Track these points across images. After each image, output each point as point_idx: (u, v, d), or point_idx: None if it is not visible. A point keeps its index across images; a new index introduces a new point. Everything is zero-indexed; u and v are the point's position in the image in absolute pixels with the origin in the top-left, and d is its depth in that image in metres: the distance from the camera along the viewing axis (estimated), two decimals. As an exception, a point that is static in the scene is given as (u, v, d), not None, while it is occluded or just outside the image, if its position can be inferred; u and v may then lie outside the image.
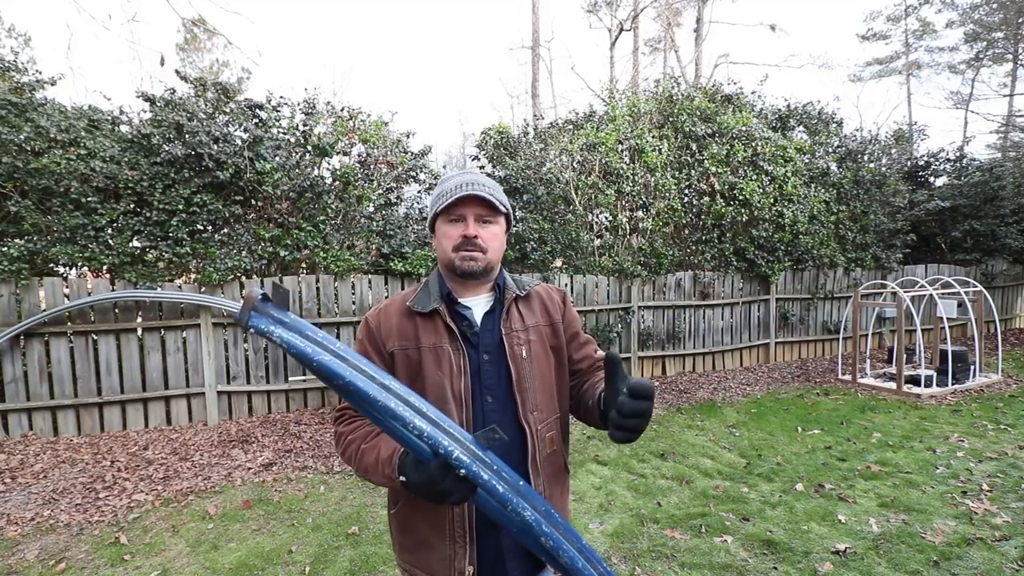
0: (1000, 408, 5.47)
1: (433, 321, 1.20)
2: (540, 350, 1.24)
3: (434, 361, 1.17)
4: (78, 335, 4.84)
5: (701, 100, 7.79)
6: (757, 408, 5.71)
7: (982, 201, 9.38)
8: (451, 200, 1.16)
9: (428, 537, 1.16)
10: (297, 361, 0.98)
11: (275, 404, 5.50)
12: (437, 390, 1.15)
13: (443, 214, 1.21)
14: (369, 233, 5.99)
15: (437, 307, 1.20)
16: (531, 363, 1.21)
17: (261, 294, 0.85)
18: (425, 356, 1.18)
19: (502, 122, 7.78)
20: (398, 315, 1.23)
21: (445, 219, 1.21)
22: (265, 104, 5.73)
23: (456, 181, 1.20)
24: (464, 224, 1.19)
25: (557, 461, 1.25)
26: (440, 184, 1.25)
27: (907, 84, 20.89)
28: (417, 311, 1.21)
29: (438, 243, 1.23)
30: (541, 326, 1.27)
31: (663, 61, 20.28)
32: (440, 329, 1.19)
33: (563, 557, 0.91)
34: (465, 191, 1.16)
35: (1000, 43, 17.81)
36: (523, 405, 1.19)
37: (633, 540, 3.07)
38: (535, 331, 1.25)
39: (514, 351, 1.20)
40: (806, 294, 8.21)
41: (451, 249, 1.19)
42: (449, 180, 1.22)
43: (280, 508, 3.53)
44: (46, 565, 2.90)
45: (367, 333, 1.24)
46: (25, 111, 4.76)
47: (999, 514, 3.25)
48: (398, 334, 1.20)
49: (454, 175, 1.23)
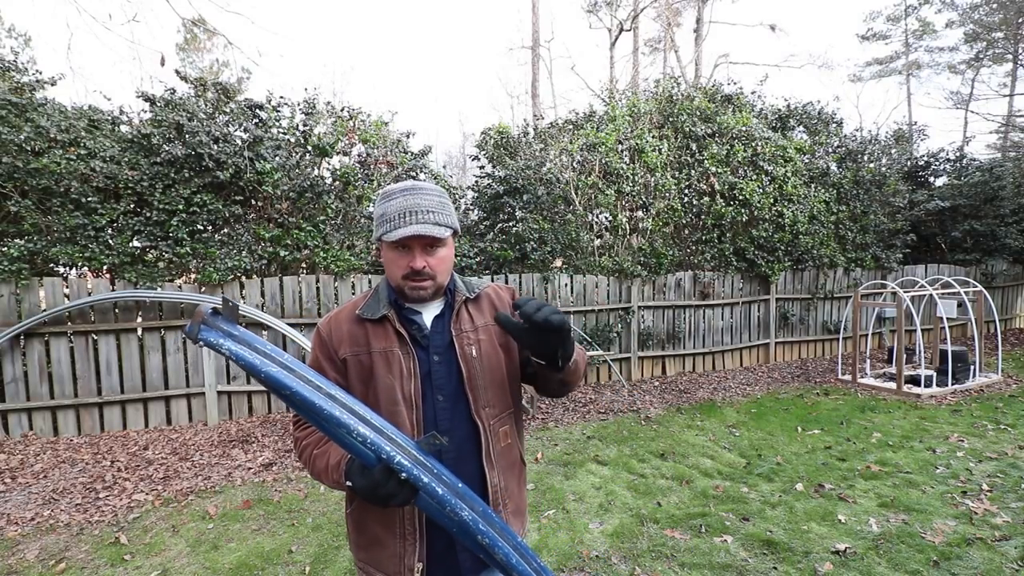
0: (1000, 408, 5.47)
1: (383, 327, 1.23)
2: (490, 349, 1.27)
3: (384, 365, 1.20)
4: (78, 335, 4.84)
5: (701, 100, 7.79)
6: (757, 408, 5.71)
7: (982, 201, 9.38)
8: (396, 236, 1.14)
9: (380, 535, 1.20)
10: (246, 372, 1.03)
11: (275, 404, 5.50)
12: (388, 392, 1.18)
13: (386, 242, 1.18)
14: (369, 233, 5.99)
15: (386, 313, 1.22)
16: (481, 361, 1.25)
17: (211, 308, 0.88)
18: (376, 360, 1.20)
19: (502, 122, 7.79)
20: (348, 322, 1.25)
21: (390, 247, 1.19)
22: (265, 104, 5.73)
23: (399, 205, 1.16)
24: (411, 255, 1.18)
25: (512, 454, 1.30)
26: (383, 202, 1.19)
27: (907, 84, 20.90)
28: (367, 318, 1.23)
29: (386, 267, 1.23)
30: (490, 325, 1.29)
31: (663, 61, 20.29)
32: (390, 334, 1.22)
33: (499, 554, 0.96)
34: (409, 227, 1.13)
35: (1000, 43, 17.81)
36: (475, 402, 1.22)
37: (633, 540, 3.07)
38: (484, 331, 1.28)
39: (464, 351, 1.23)
40: (806, 294, 8.21)
41: (400, 277, 1.20)
42: (392, 200, 1.17)
43: (280, 508, 3.53)
44: (46, 565, 2.90)
45: (319, 342, 1.25)
46: (25, 111, 4.76)
47: (999, 514, 3.25)
48: (349, 340, 1.22)
49: (396, 193, 1.18)
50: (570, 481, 3.89)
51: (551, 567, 2.82)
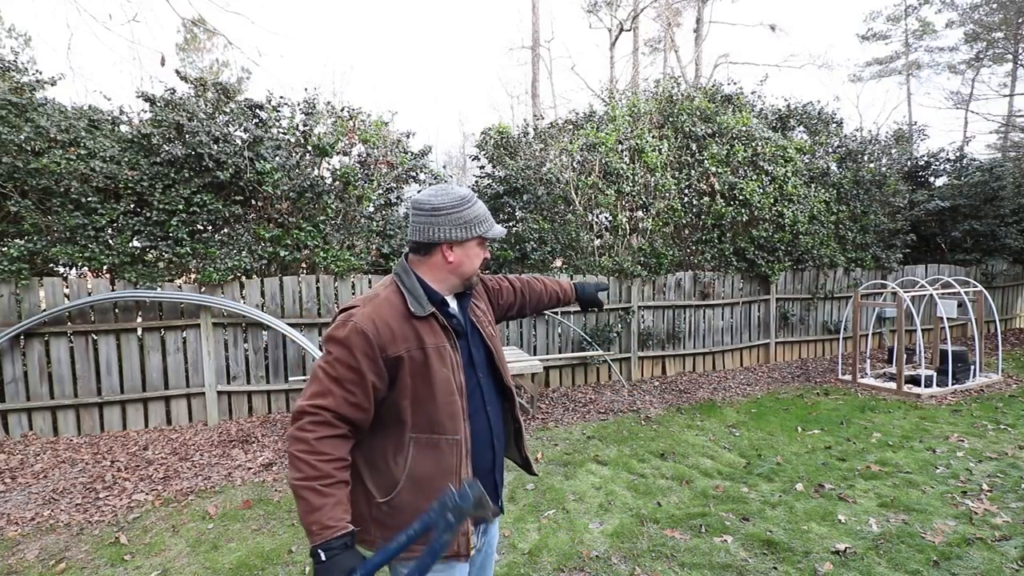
0: (1000, 408, 5.47)
1: (430, 323, 1.33)
2: (493, 329, 1.54)
3: (439, 359, 1.31)
4: (78, 335, 4.84)
5: (701, 100, 7.79)
6: (757, 408, 5.71)
7: (982, 201, 9.38)
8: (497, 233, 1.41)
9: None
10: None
11: (275, 404, 5.50)
12: (446, 384, 1.31)
13: (485, 238, 1.40)
14: (369, 233, 5.99)
15: (432, 311, 1.33)
16: (494, 339, 1.51)
17: None
18: (431, 355, 1.30)
19: (502, 122, 7.78)
20: (396, 320, 1.29)
21: (480, 242, 1.41)
22: (265, 104, 5.73)
23: (484, 208, 1.40)
24: (486, 251, 1.44)
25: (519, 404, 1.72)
26: (469, 206, 1.36)
27: (907, 84, 20.90)
28: (417, 315, 1.31)
29: (467, 259, 1.39)
30: (488, 310, 1.57)
31: (663, 61, 20.29)
32: (438, 330, 1.33)
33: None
34: (499, 227, 1.43)
35: (1000, 43, 17.80)
36: (504, 373, 1.49)
37: (633, 540, 3.07)
38: (489, 314, 1.56)
39: (486, 331, 1.48)
40: (806, 294, 8.21)
41: (478, 268, 1.43)
42: (477, 204, 1.38)
43: (280, 508, 3.53)
44: (46, 565, 2.90)
45: (363, 341, 1.23)
46: (25, 111, 4.75)
47: (999, 514, 3.26)
48: (402, 338, 1.28)
49: (473, 199, 1.39)
50: (570, 481, 3.89)
51: (551, 567, 2.82)
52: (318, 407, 1.21)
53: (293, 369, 5.48)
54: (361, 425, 1.27)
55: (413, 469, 1.28)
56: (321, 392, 1.22)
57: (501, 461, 1.49)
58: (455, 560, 1.30)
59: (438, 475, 1.28)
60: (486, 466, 1.42)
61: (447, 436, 1.29)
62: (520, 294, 1.76)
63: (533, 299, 1.80)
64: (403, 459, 1.28)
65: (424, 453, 1.28)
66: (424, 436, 1.29)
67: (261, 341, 5.41)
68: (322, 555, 1.11)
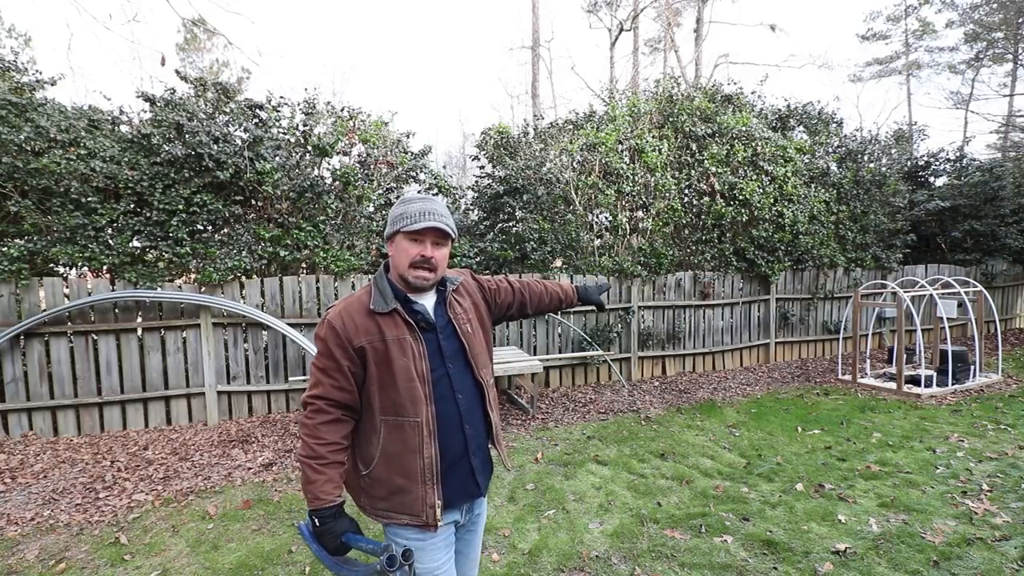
0: (1000, 408, 5.47)
1: (393, 318, 1.47)
2: (477, 326, 1.63)
3: (398, 349, 1.45)
4: (78, 335, 4.84)
5: (701, 100, 7.79)
6: (757, 408, 5.71)
7: (982, 201, 9.38)
8: (418, 227, 1.44)
9: (403, 485, 1.46)
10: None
11: (275, 404, 5.50)
12: (405, 371, 1.44)
13: (405, 233, 1.47)
14: (369, 233, 5.99)
15: (395, 307, 1.47)
16: (473, 336, 1.59)
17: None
18: (391, 346, 1.45)
19: (502, 122, 7.78)
20: (360, 315, 1.47)
21: (406, 237, 1.47)
22: (265, 104, 5.73)
23: (419, 207, 1.46)
24: (423, 246, 1.47)
25: (498, 402, 1.79)
26: (403, 204, 1.50)
27: (907, 84, 20.91)
28: (378, 311, 1.46)
29: (396, 255, 1.51)
30: (472, 308, 1.65)
31: (663, 61, 20.28)
32: (399, 324, 1.47)
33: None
34: (429, 221, 1.45)
35: (1000, 43, 17.81)
36: (477, 367, 1.57)
37: (633, 540, 3.07)
38: (471, 312, 1.63)
39: (462, 328, 1.56)
40: (806, 294, 8.21)
41: (407, 265, 1.47)
42: (412, 203, 1.48)
43: (280, 508, 3.53)
44: (46, 565, 2.90)
45: (332, 333, 1.45)
46: (25, 111, 4.75)
47: (999, 514, 3.25)
48: (364, 331, 1.45)
49: (415, 199, 1.50)
50: (570, 481, 3.89)
51: (551, 567, 2.82)
52: (313, 397, 1.46)
53: (293, 369, 5.48)
54: (353, 405, 1.48)
55: (384, 447, 1.47)
56: (314, 384, 1.47)
57: (478, 446, 1.58)
58: (425, 530, 1.46)
59: (404, 452, 1.45)
60: (458, 450, 1.53)
61: (409, 418, 1.45)
62: (519, 294, 1.84)
63: (533, 300, 1.87)
64: (376, 438, 1.48)
65: (392, 433, 1.46)
66: (391, 419, 1.46)
67: (261, 341, 5.41)
68: (316, 521, 1.41)
